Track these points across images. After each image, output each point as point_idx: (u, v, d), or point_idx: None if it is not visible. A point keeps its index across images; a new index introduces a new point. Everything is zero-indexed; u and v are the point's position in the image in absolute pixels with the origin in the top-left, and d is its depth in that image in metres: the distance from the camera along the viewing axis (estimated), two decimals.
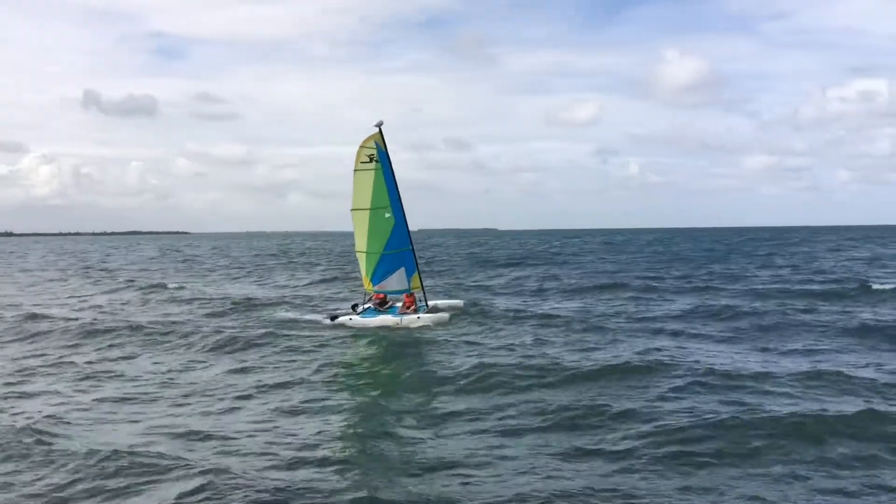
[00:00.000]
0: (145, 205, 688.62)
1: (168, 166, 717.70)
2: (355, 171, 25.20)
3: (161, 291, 37.04)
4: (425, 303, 25.92)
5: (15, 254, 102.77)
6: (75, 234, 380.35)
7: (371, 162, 24.94)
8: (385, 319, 24.22)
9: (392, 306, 25.50)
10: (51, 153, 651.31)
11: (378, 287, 25.88)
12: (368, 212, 25.33)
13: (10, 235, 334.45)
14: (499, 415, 12.93)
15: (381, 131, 25.04)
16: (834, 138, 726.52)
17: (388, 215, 25.29)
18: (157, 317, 26.91)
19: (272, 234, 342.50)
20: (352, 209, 25.63)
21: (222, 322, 25.25)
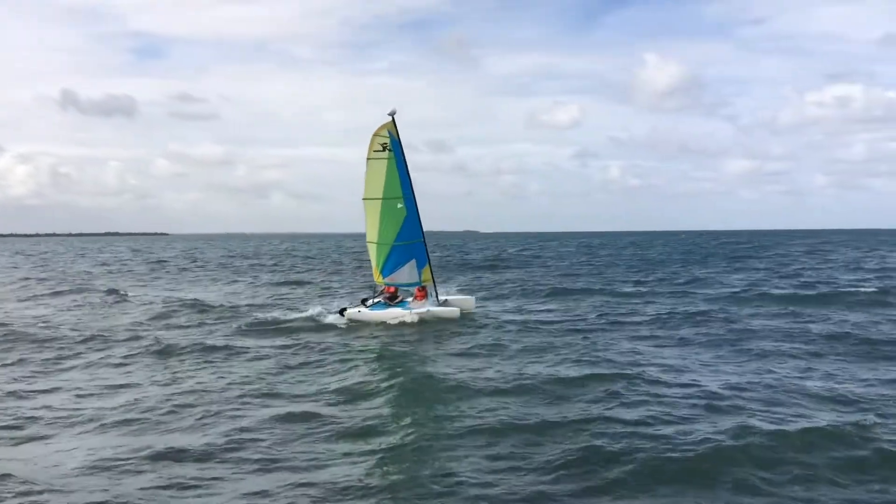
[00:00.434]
0: (124, 205, 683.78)
1: (147, 167, 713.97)
2: (368, 159, 24.86)
3: (92, 294, 35.52)
4: (436, 297, 25.43)
5: None
6: (52, 234, 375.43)
7: (384, 151, 24.59)
8: (396, 313, 23.92)
9: (402, 300, 25.19)
10: (28, 152, 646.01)
11: (388, 279, 25.64)
12: (380, 201, 25.00)
13: None
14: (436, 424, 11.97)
15: (394, 120, 24.61)
16: (811, 143, 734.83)
17: (400, 206, 25.02)
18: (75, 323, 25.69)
19: (251, 236, 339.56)
20: (363, 198, 25.21)
21: (147, 330, 23.75)
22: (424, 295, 25.01)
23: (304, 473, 9.93)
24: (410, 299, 25.03)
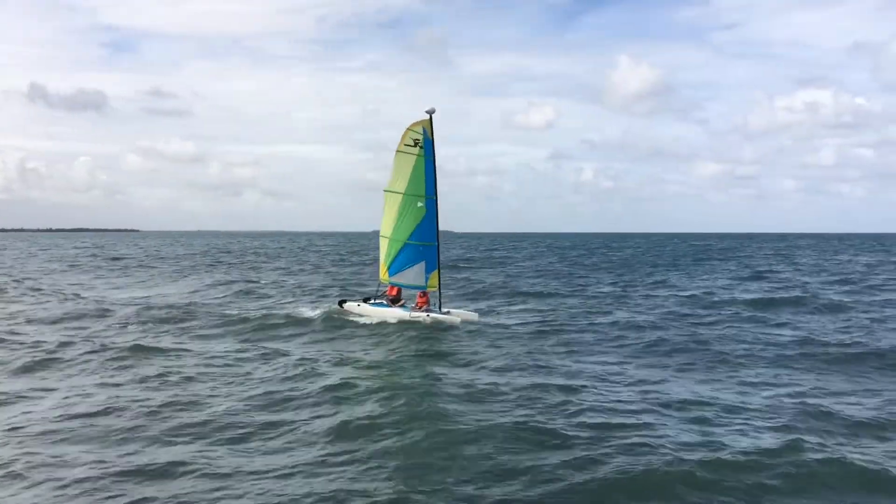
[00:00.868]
0: (94, 201, 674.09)
1: (118, 162, 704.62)
2: (398, 151, 24.52)
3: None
4: (439, 307, 24.83)
5: None
6: (20, 230, 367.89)
7: (415, 146, 24.36)
8: (396, 313, 23.94)
9: (404, 304, 25.13)
10: None
11: (394, 279, 25.32)
12: (402, 196, 24.75)
13: None
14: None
15: (431, 119, 24.36)
16: (781, 147, 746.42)
17: (420, 204, 24.69)
18: None
19: (223, 234, 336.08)
20: (385, 189, 24.95)
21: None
22: (426, 301, 24.63)
23: (284, 482, 9.64)
24: (412, 305, 24.78)
